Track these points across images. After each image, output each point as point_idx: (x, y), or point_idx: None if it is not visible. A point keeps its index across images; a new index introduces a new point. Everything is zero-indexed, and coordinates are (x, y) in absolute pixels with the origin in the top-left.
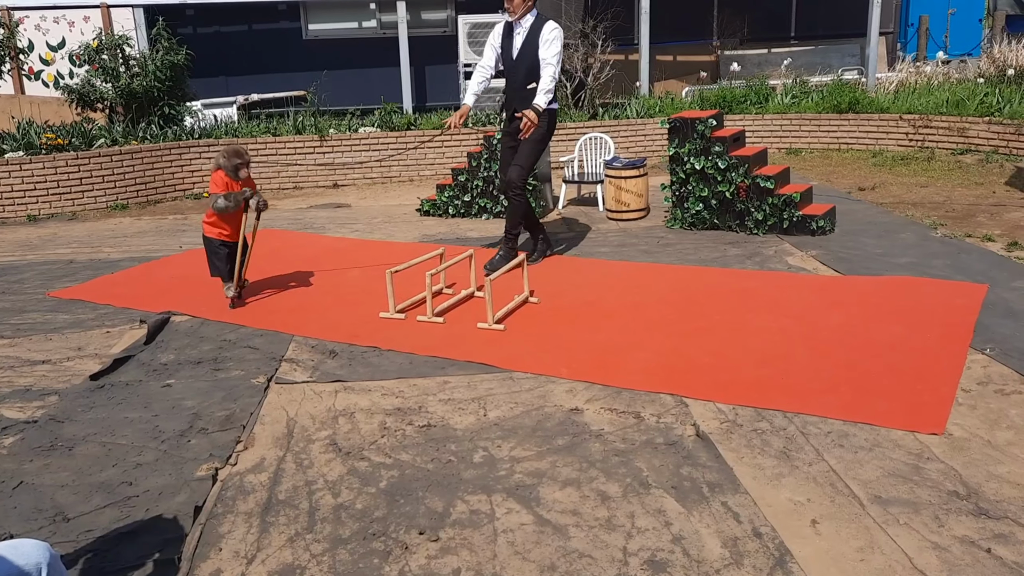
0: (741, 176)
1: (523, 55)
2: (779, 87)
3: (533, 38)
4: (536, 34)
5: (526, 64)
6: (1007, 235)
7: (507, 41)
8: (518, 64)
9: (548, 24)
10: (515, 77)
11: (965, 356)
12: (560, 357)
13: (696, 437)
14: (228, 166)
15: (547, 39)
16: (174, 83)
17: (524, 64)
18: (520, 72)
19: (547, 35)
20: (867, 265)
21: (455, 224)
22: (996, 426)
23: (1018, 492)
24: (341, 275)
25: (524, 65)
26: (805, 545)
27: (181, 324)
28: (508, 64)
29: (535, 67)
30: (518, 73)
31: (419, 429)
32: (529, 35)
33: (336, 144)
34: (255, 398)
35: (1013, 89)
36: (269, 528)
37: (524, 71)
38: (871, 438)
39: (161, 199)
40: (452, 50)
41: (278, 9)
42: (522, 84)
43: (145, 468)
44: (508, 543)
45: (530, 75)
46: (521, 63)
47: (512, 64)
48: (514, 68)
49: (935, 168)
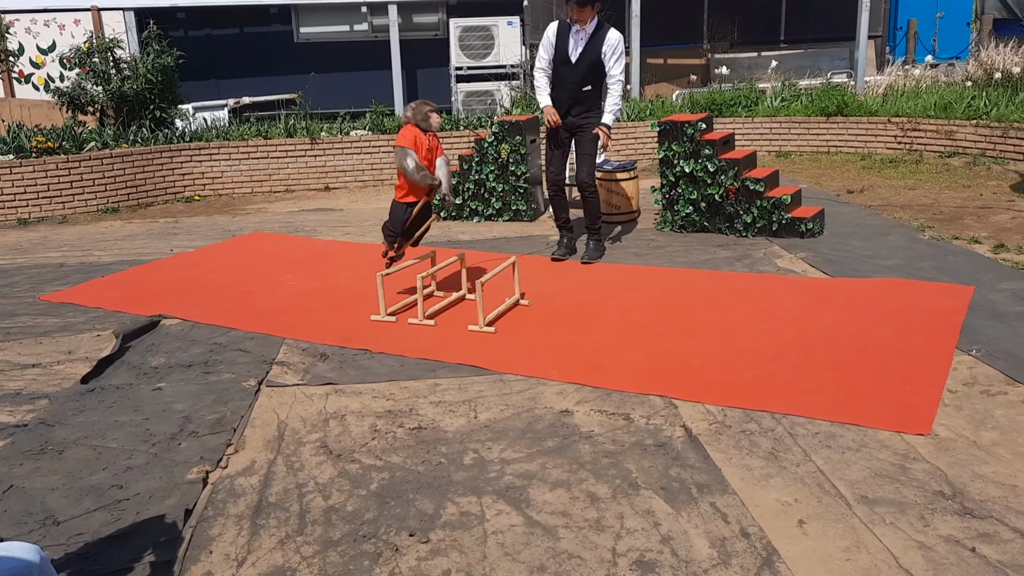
0: (731, 179)
1: (584, 58)
2: (768, 90)
3: (597, 44)
4: (600, 40)
5: (585, 67)
6: (993, 237)
7: (563, 41)
8: (577, 67)
9: (612, 32)
10: (571, 78)
11: (951, 357)
12: (550, 359)
13: (685, 438)
14: (417, 116)
15: (615, 50)
16: (165, 86)
17: (583, 67)
18: (577, 74)
19: (614, 44)
20: (855, 267)
21: (446, 227)
22: (981, 426)
23: (1002, 492)
24: (332, 278)
25: (583, 68)
26: (792, 545)
27: (172, 327)
28: (564, 65)
29: (593, 71)
30: (575, 75)
31: (410, 431)
32: (592, 40)
33: (327, 147)
34: (246, 401)
35: (1000, 92)
36: (260, 531)
37: (582, 73)
38: (858, 439)
39: (152, 202)
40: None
41: (269, 12)
42: (578, 86)
43: (135, 471)
44: (498, 544)
45: (586, 78)
46: (580, 66)
47: (570, 66)
48: (572, 70)
49: (923, 171)
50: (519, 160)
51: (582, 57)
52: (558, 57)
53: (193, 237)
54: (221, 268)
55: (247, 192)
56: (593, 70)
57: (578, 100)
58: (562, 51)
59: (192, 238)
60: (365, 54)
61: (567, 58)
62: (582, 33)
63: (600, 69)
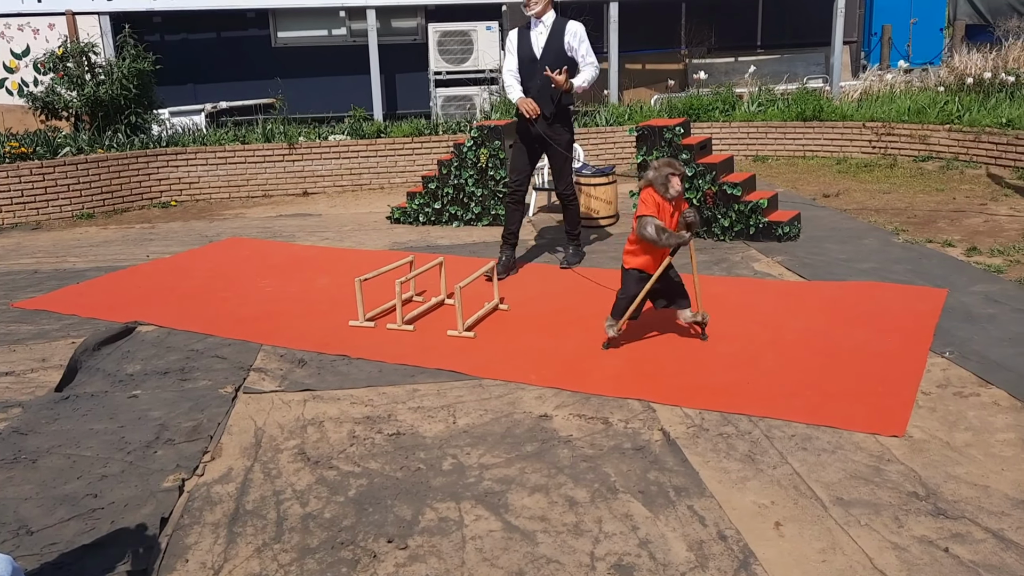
0: (708, 183)
1: (548, 53)
2: (746, 95)
3: (558, 36)
4: (560, 32)
5: (550, 62)
6: (966, 240)
7: (525, 40)
8: (542, 61)
9: (572, 22)
10: (538, 78)
11: (925, 359)
12: (530, 364)
13: (663, 442)
14: (658, 178)
15: (579, 36)
16: (141, 91)
17: (548, 62)
18: (543, 69)
19: (575, 31)
20: (831, 270)
21: (425, 232)
22: (955, 428)
23: (975, 492)
24: (310, 283)
25: (548, 63)
26: (769, 547)
27: (148, 334)
28: (529, 61)
29: (558, 65)
30: (541, 70)
31: (388, 437)
32: (552, 33)
33: (306, 152)
34: (223, 408)
35: (972, 97)
36: (236, 538)
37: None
38: (834, 441)
39: (128, 208)
40: (423, 58)
41: (247, 17)
42: (546, 83)
43: (110, 480)
44: (476, 550)
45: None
46: (545, 61)
47: (535, 61)
48: (537, 65)
49: (897, 175)
50: (498, 165)
51: (546, 51)
52: (523, 56)
53: (170, 243)
54: (198, 274)
55: (224, 197)
56: (558, 63)
57: (546, 97)
58: (526, 49)
59: (169, 244)
60: (343, 59)
61: (532, 55)
62: (541, 27)
63: (564, 61)
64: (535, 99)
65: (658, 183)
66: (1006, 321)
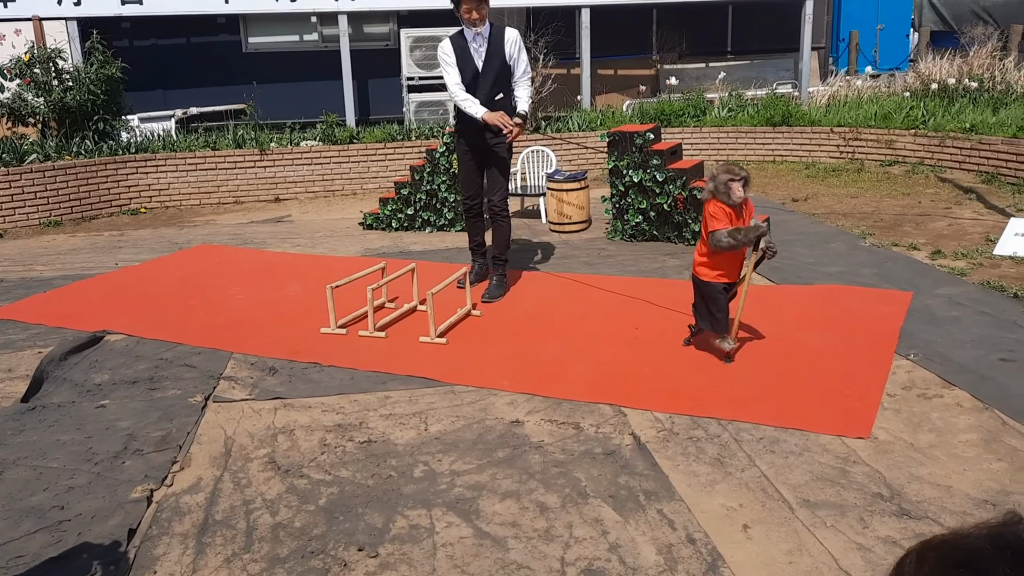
0: (679, 188)
1: (490, 65)
2: (716, 100)
3: (498, 47)
4: (500, 43)
5: (494, 74)
6: (931, 244)
7: (464, 53)
8: (486, 75)
9: (509, 31)
10: (481, 88)
11: (890, 362)
12: (502, 370)
13: (634, 446)
14: (717, 186)
15: (518, 46)
16: (109, 97)
17: (492, 74)
18: (488, 82)
19: (516, 42)
20: (799, 274)
21: (398, 237)
22: (919, 429)
23: (938, 493)
24: (282, 291)
25: (492, 75)
26: (737, 550)
27: (116, 343)
28: (472, 76)
29: (502, 77)
30: (485, 83)
31: (359, 445)
32: (492, 44)
33: (278, 158)
34: (192, 417)
35: (937, 103)
36: (205, 549)
37: (492, 81)
38: (801, 443)
39: (96, 215)
40: (395, 63)
41: (217, 22)
42: (490, 95)
43: (77, 491)
44: (447, 557)
45: (497, 85)
46: (489, 74)
47: (480, 76)
48: (481, 79)
49: (864, 179)
50: None
51: (488, 63)
52: (464, 71)
53: (139, 250)
54: (167, 282)
55: (195, 204)
56: (502, 74)
57: (492, 110)
58: (467, 64)
59: (138, 251)
60: (315, 64)
61: (475, 70)
62: (479, 39)
63: (508, 71)
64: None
65: (720, 192)
66: (969, 323)
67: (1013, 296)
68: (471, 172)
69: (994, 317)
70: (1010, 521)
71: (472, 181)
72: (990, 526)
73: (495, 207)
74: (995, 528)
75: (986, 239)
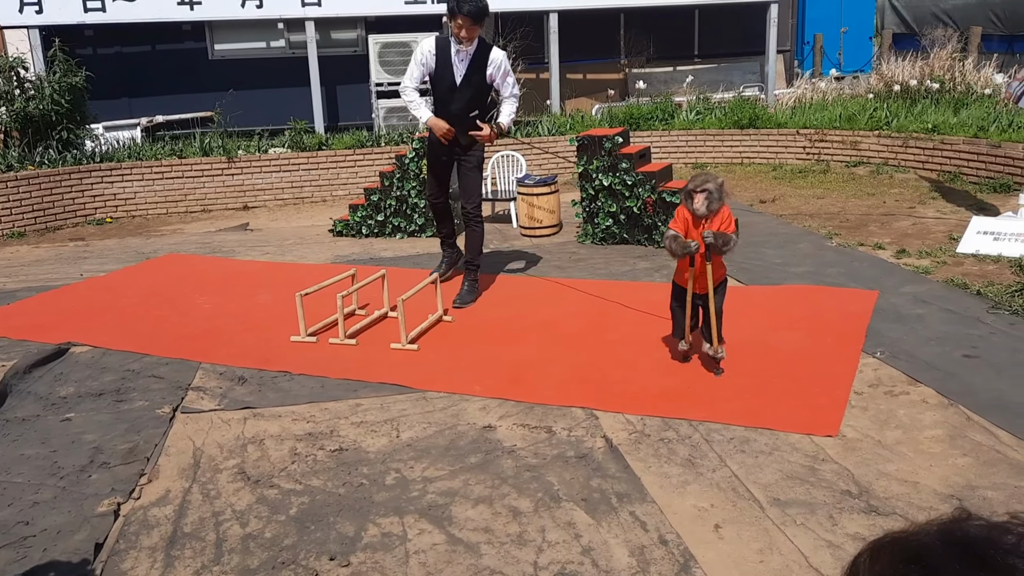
0: (648, 191)
1: (468, 82)
2: (684, 104)
3: (480, 65)
4: (483, 61)
5: (471, 91)
6: (896, 243)
7: (445, 62)
8: (462, 90)
9: (496, 51)
10: (456, 102)
11: (858, 360)
12: (474, 375)
13: (606, 449)
14: (684, 194)
15: (503, 69)
16: (73, 106)
17: (468, 91)
18: (463, 98)
19: (499, 62)
20: (767, 275)
21: (368, 244)
22: (886, 426)
23: (905, 488)
24: (251, 299)
25: (468, 92)
26: (708, 550)
27: (82, 355)
28: (447, 88)
29: (479, 95)
30: (460, 99)
31: (330, 453)
32: (475, 61)
33: (246, 166)
34: (160, 429)
35: (900, 104)
36: (174, 562)
37: (468, 97)
38: (771, 442)
39: (61, 226)
40: (364, 70)
41: (182, 29)
42: (463, 110)
43: (43, 506)
44: (420, 564)
45: (473, 101)
46: (465, 89)
47: (455, 89)
48: (456, 93)
49: (830, 180)
50: None
51: (467, 80)
52: (439, 79)
53: (105, 260)
54: (134, 292)
55: (162, 213)
56: (479, 94)
57: (464, 125)
58: (444, 73)
59: (104, 262)
60: (283, 71)
61: (451, 82)
62: (463, 54)
63: (485, 91)
64: (451, 122)
65: (686, 199)
66: (934, 321)
67: (976, 293)
68: (437, 174)
69: (958, 314)
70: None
71: (436, 183)
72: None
73: (469, 214)
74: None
75: (949, 237)
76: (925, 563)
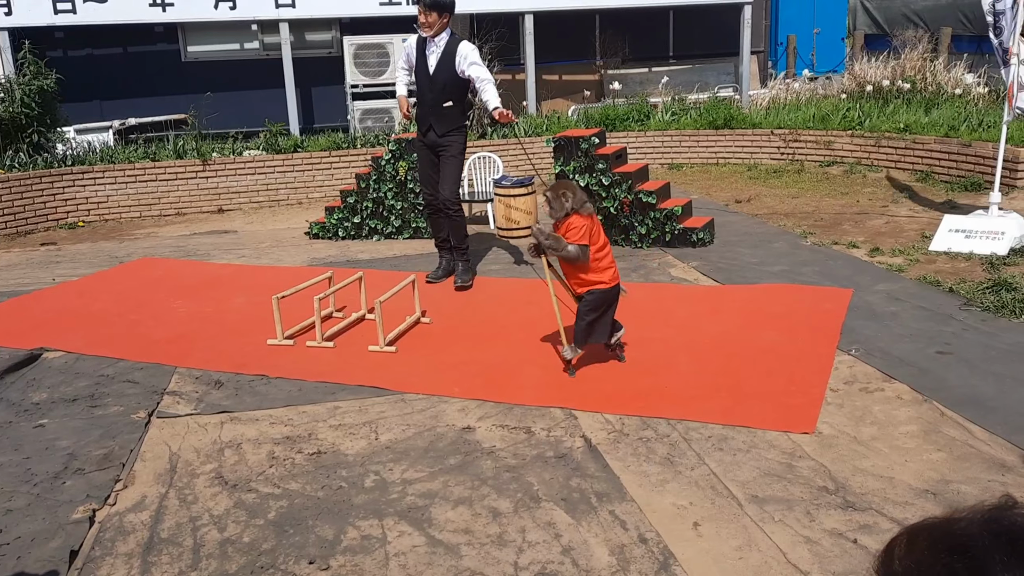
0: (624, 192)
1: (439, 74)
2: (660, 105)
3: (449, 58)
4: (452, 54)
5: (441, 82)
6: (869, 241)
7: (422, 55)
8: (433, 82)
9: (464, 44)
10: (429, 95)
11: (833, 358)
12: (452, 376)
13: (585, 448)
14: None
15: (471, 60)
16: (44, 109)
17: (440, 82)
18: (435, 90)
19: (466, 54)
20: (743, 274)
21: (345, 246)
22: (861, 422)
23: (881, 484)
24: (226, 303)
25: (440, 83)
26: (688, 547)
27: (55, 360)
28: (422, 81)
29: (452, 87)
30: (433, 91)
31: (309, 457)
32: (444, 54)
33: (220, 168)
34: (135, 434)
35: (872, 104)
36: (151, 568)
37: (439, 89)
38: (748, 440)
39: (32, 230)
40: (339, 71)
41: (155, 31)
42: (437, 102)
43: (16, 514)
44: (400, 566)
45: (445, 93)
46: (437, 81)
47: (427, 82)
48: (429, 86)
49: (805, 180)
50: (417, 178)
51: (438, 72)
52: (418, 72)
53: (77, 265)
54: (108, 296)
55: (135, 216)
56: (452, 86)
57: (439, 115)
58: (421, 65)
59: (76, 266)
60: (257, 73)
61: (426, 72)
62: (433, 46)
63: (459, 85)
64: (427, 114)
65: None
66: (907, 318)
67: (949, 290)
68: (426, 169)
69: (931, 311)
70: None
71: (429, 178)
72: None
73: (444, 202)
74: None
75: (922, 236)
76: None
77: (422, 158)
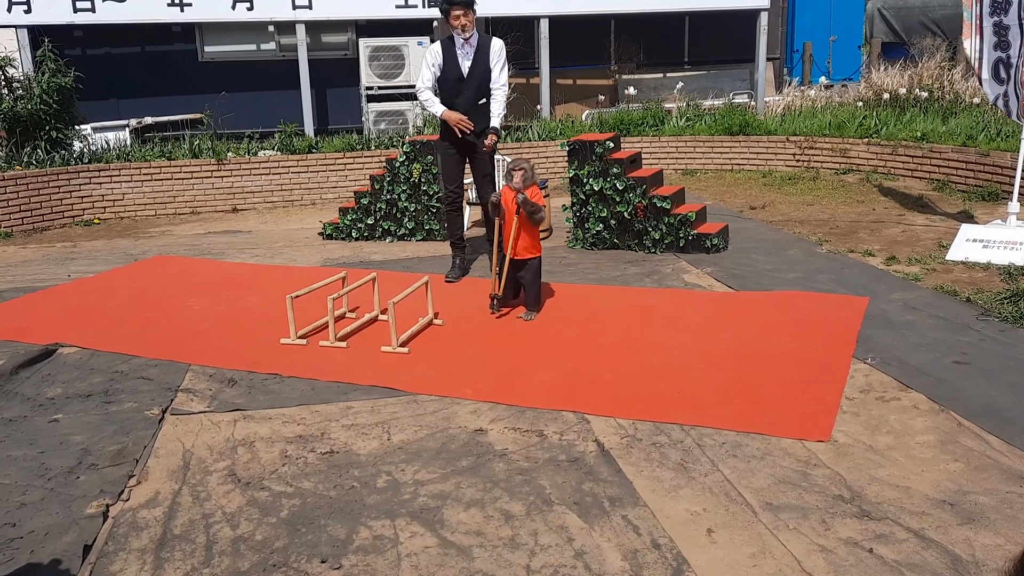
0: (638, 197)
1: (475, 72)
2: (674, 110)
3: (483, 55)
4: (486, 51)
5: (477, 81)
6: (886, 250)
7: (451, 58)
8: (470, 81)
9: (495, 42)
10: (466, 94)
11: (848, 366)
12: (465, 378)
13: (598, 453)
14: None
15: (500, 60)
16: (62, 106)
17: (475, 81)
18: (472, 88)
19: (498, 55)
20: (758, 281)
21: (358, 247)
22: (877, 431)
23: (897, 494)
24: (240, 302)
25: (475, 82)
26: (701, 554)
27: (70, 356)
28: (456, 81)
29: (485, 84)
30: (469, 89)
31: (321, 456)
32: (479, 52)
33: (235, 168)
34: (149, 430)
35: (889, 112)
36: (164, 564)
37: (475, 88)
38: (763, 447)
39: (49, 226)
40: (354, 73)
41: (172, 31)
42: (473, 100)
43: (30, 508)
44: (412, 567)
45: (480, 91)
46: (473, 80)
47: (463, 81)
48: (465, 85)
49: (820, 187)
50: (431, 179)
51: (473, 71)
52: (448, 75)
53: (92, 262)
54: (122, 293)
55: (150, 215)
56: (484, 82)
57: (477, 113)
58: (452, 68)
59: (91, 263)
60: (273, 73)
61: (459, 75)
62: (467, 47)
63: (489, 80)
64: (465, 115)
65: (506, 176)
66: (924, 327)
67: (966, 300)
68: (453, 165)
69: (948, 321)
70: None
71: (454, 173)
72: None
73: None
74: None
75: (939, 245)
76: None
77: (448, 157)
